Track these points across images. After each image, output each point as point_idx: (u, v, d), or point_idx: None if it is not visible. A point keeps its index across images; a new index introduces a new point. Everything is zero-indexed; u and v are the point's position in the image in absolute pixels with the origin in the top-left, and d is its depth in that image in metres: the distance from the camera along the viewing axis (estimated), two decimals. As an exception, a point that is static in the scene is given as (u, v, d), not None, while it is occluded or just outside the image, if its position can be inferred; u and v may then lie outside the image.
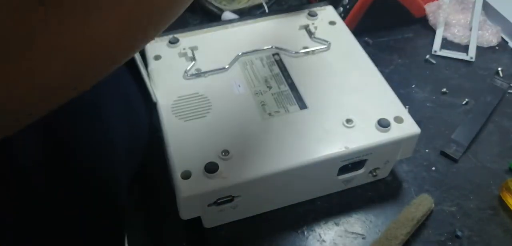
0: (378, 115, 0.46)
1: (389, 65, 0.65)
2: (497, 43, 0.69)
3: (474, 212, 0.47)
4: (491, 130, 0.56)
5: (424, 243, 0.45)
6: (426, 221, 0.46)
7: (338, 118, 0.46)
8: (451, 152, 0.53)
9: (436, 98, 0.60)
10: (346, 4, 0.68)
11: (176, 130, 0.45)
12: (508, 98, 0.60)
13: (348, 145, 0.43)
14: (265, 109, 0.47)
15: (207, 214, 0.43)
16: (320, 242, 0.45)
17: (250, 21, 0.58)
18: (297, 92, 0.49)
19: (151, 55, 0.52)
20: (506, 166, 0.52)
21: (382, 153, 0.46)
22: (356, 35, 0.57)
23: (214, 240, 0.45)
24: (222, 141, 0.43)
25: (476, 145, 0.54)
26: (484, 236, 0.45)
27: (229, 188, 0.41)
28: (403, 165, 0.52)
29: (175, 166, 0.41)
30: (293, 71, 0.51)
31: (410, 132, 0.45)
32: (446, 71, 0.65)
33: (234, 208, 0.43)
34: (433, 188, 0.49)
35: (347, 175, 0.47)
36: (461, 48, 0.69)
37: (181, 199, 0.40)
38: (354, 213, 0.47)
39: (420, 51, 0.68)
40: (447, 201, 0.48)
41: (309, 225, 0.46)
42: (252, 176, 0.41)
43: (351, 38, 0.57)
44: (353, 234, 0.45)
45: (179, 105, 0.47)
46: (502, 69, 0.64)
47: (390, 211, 0.47)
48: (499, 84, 0.62)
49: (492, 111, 0.58)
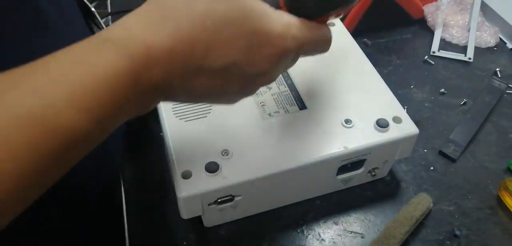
0: (377, 115, 0.46)
1: (387, 66, 0.66)
2: (495, 44, 0.69)
3: (473, 211, 0.48)
4: (489, 130, 0.57)
5: (423, 242, 0.45)
6: (425, 220, 0.47)
7: (337, 119, 0.46)
8: (449, 152, 0.53)
9: (434, 98, 0.61)
10: (345, 5, 0.68)
11: (176, 130, 0.45)
12: (506, 99, 0.61)
13: (347, 145, 0.44)
14: (265, 110, 0.47)
15: (207, 213, 0.43)
16: (320, 241, 0.45)
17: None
18: (296, 92, 0.49)
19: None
20: (504, 166, 0.52)
21: (381, 153, 0.46)
22: (355, 36, 0.57)
23: (214, 240, 0.45)
24: (222, 141, 0.44)
25: (474, 145, 0.55)
26: (483, 236, 0.46)
27: (229, 187, 0.41)
28: (401, 165, 0.52)
29: (175, 166, 0.41)
30: (293, 72, 0.52)
31: (408, 132, 0.46)
32: (445, 71, 0.65)
33: (234, 208, 0.44)
34: (431, 188, 0.50)
35: (346, 174, 0.47)
36: (460, 49, 0.69)
37: (181, 198, 0.40)
38: (353, 212, 0.47)
39: (418, 52, 0.68)
40: (445, 201, 0.49)
41: (308, 224, 0.46)
42: (252, 176, 0.41)
43: (350, 39, 0.57)
44: (352, 233, 0.46)
45: (180, 106, 0.47)
46: (500, 70, 0.65)
47: (389, 210, 0.48)
48: (497, 84, 0.62)
49: (490, 111, 0.58)
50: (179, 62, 0.26)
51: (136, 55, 0.25)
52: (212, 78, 0.28)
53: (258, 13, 0.28)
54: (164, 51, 0.26)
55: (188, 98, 0.30)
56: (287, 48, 0.30)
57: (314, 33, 0.31)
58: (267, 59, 0.29)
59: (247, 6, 0.28)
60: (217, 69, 0.28)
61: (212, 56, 0.27)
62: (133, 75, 0.25)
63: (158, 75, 0.26)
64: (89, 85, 0.24)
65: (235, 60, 0.28)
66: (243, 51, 0.28)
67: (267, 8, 0.29)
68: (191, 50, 0.26)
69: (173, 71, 0.27)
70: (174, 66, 0.26)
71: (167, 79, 0.27)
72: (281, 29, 0.29)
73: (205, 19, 0.26)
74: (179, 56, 0.26)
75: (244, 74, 0.29)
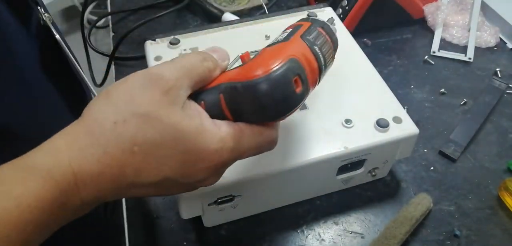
0: (377, 115, 0.46)
1: (388, 66, 0.66)
2: (495, 44, 0.69)
3: (473, 211, 0.48)
4: (490, 130, 0.57)
5: (423, 242, 0.45)
6: (425, 220, 0.47)
7: (337, 119, 0.46)
8: (449, 152, 0.53)
9: (434, 98, 0.61)
10: (345, 6, 0.68)
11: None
12: (507, 99, 0.61)
13: (347, 145, 0.44)
14: (265, 110, 0.47)
15: (207, 213, 0.43)
16: (320, 241, 0.45)
17: (250, 22, 0.59)
18: (296, 92, 0.49)
19: (152, 56, 0.53)
20: (505, 166, 0.52)
21: (381, 153, 0.46)
22: (355, 36, 0.57)
23: (214, 240, 0.45)
24: (222, 141, 0.44)
25: (474, 145, 0.55)
26: (483, 236, 0.46)
27: (229, 187, 0.41)
28: (402, 165, 0.52)
29: (175, 166, 0.41)
30: (293, 72, 0.52)
31: (408, 132, 0.46)
32: (445, 71, 0.65)
33: (234, 207, 0.44)
34: (431, 188, 0.50)
35: (346, 174, 0.47)
36: (460, 49, 0.69)
37: (181, 198, 0.40)
38: (353, 212, 0.47)
39: (418, 52, 0.68)
40: (445, 201, 0.49)
41: (308, 224, 0.46)
42: (252, 175, 0.41)
43: (350, 39, 0.57)
44: (352, 233, 0.46)
45: (179, 106, 0.47)
46: (501, 70, 0.65)
47: (389, 210, 0.48)
48: (498, 84, 0.62)
49: (490, 111, 0.58)
50: (109, 183, 0.27)
51: (63, 183, 0.26)
52: (147, 188, 0.29)
53: (191, 133, 0.28)
54: (93, 177, 0.26)
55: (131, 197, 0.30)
56: (223, 161, 0.30)
57: (254, 139, 0.31)
58: (203, 172, 0.29)
59: (178, 128, 0.27)
60: (152, 183, 0.28)
61: (143, 175, 0.27)
62: (61, 200, 0.26)
63: (88, 195, 0.27)
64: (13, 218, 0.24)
65: (168, 176, 0.28)
66: (176, 168, 0.28)
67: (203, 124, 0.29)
68: (120, 172, 0.27)
69: (104, 190, 0.27)
70: (104, 187, 0.27)
71: (99, 196, 0.27)
72: (216, 145, 0.29)
73: (133, 145, 0.26)
74: (109, 179, 0.27)
75: (181, 182, 0.29)
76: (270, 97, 0.29)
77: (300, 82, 0.31)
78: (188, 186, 0.31)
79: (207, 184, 0.31)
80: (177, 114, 0.28)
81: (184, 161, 0.28)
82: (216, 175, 0.31)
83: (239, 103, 0.30)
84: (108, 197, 0.28)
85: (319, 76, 0.34)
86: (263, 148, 0.32)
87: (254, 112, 0.30)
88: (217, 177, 0.32)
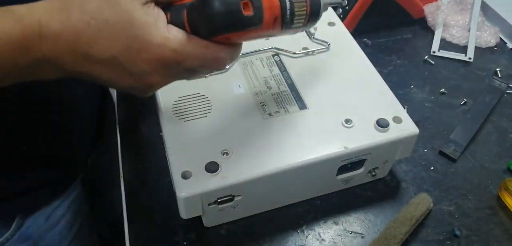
0: (377, 115, 0.46)
1: (388, 66, 0.66)
2: (495, 44, 0.69)
3: (473, 211, 0.48)
4: (490, 130, 0.57)
5: (423, 242, 0.45)
6: (425, 220, 0.47)
7: (337, 119, 0.46)
8: (449, 152, 0.53)
9: (434, 98, 0.61)
10: (345, 6, 0.68)
11: (176, 130, 0.45)
12: (507, 99, 0.61)
13: (347, 145, 0.44)
14: (265, 110, 0.47)
15: (207, 213, 0.43)
16: (320, 241, 0.45)
17: None
18: (296, 92, 0.49)
19: None
20: (505, 166, 0.52)
21: (381, 152, 0.46)
22: (355, 36, 0.57)
23: (214, 240, 0.45)
24: (222, 141, 0.44)
25: (474, 145, 0.55)
26: (483, 236, 0.46)
27: (229, 187, 0.41)
28: (402, 165, 0.52)
29: (175, 166, 0.41)
30: (293, 72, 0.52)
31: (408, 132, 0.46)
32: (445, 71, 0.65)
33: (234, 208, 0.44)
34: (431, 188, 0.50)
35: (346, 174, 0.47)
36: (460, 49, 0.69)
37: (181, 198, 0.40)
38: (353, 212, 0.47)
39: (419, 52, 0.68)
40: (445, 201, 0.49)
41: (308, 224, 0.46)
42: (252, 176, 0.41)
43: (350, 39, 0.57)
44: (352, 233, 0.46)
45: (179, 106, 0.47)
46: (501, 70, 0.65)
47: (389, 210, 0.48)
48: (498, 84, 0.62)
49: (490, 111, 0.58)
50: (65, 45, 0.31)
51: (28, 29, 0.30)
52: (101, 66, 0.32)
53: (140, 23, 0.32)
54: (53, 33, 0.31)
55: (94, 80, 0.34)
56: (165, 57, 0.32)
57: (199, 50, 0.33)
58: (145, 63, 0.32)
59: (132, 15, 0.31)
60: (102, 59, 0.32)
61: (95, 47, 0.32)
62: (25, 43, 0.30)
63: (48, 50, 0.31)
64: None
65: (115, 55, 0.32)
66: (121, 50, 0.32)
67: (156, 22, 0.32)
68: (75, 39, 0.31)
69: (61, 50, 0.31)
70: (62, 47, 0.31)
71: (57, 55, 0.32)
72: (160, 40, 0.32)
73: (90, 18, 0.31)
74: (65, 41, 0.31)
75: (129, 70, 0.33)
76: (215, 8, 0.31)
77: (251, 7, 0.32)
78: (136, 78, 0.33)
79: (150, 82, 0.34)
80: (136, 6, 0.32)
81: (130, 45, 0.32)
82: (158, 74, 0.34)
83: (194, 17, 0.33)
84: (66, 63, 0.32)
85: (282, 21, 0.34)
86: (207, 61, 0.34)
87: (203, 25, 0.33)
88: (159, 77, 0.34)
